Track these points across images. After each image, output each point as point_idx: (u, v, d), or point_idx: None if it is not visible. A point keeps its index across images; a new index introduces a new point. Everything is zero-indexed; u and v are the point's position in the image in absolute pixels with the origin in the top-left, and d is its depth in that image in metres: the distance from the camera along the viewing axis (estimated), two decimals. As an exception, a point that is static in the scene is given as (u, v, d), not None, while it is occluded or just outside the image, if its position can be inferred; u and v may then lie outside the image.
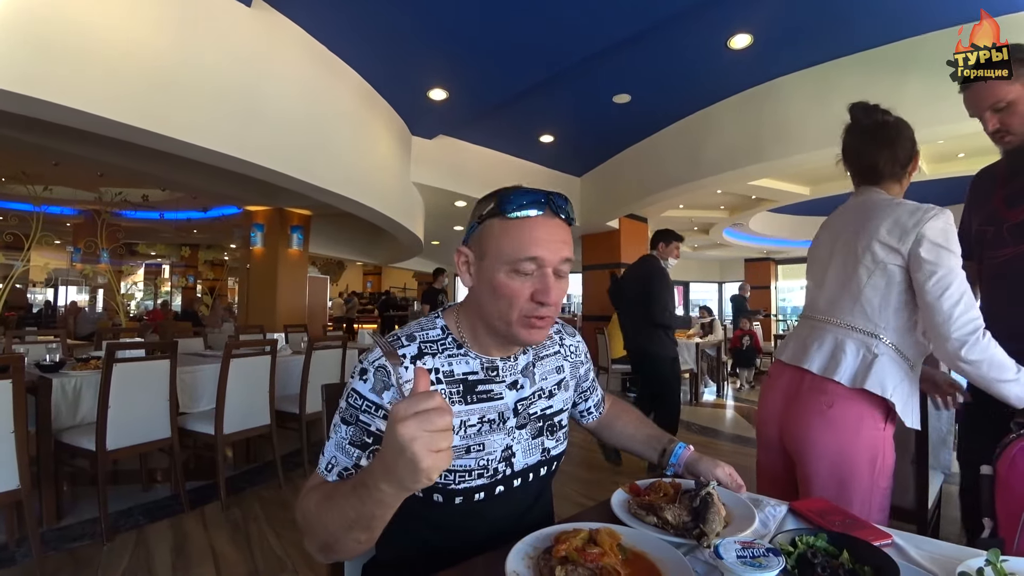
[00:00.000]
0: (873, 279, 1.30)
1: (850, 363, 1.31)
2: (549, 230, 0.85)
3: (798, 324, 1.56)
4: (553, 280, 0.85)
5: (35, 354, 3.32)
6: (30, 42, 2.67)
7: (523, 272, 0.84)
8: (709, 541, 0.82)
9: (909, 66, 4.29)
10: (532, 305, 0.85)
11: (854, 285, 1.34)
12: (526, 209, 0.84)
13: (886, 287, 1.29)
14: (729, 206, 9.20)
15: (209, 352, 4.19)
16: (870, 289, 1.31)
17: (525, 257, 0.83)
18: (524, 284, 0.84)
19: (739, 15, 4.09)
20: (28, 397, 2.34)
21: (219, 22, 3.66)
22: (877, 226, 1.30)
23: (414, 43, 4.46)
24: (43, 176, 6.88)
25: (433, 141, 6.68)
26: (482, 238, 0.87)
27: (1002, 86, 1.33)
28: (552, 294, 0.84)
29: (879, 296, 1.30)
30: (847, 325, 1.35)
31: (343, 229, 9.47)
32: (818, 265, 1.51)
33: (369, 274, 20.21)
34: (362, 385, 0.85)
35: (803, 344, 1.43)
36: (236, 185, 5.98)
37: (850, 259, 1.36)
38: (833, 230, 1.50)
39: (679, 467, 1.11)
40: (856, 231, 1.36)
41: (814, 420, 1.34)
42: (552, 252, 0.84)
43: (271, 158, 4.08)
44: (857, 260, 1.33)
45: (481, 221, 0.87)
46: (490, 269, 0.85)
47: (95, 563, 2.32)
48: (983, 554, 0.71)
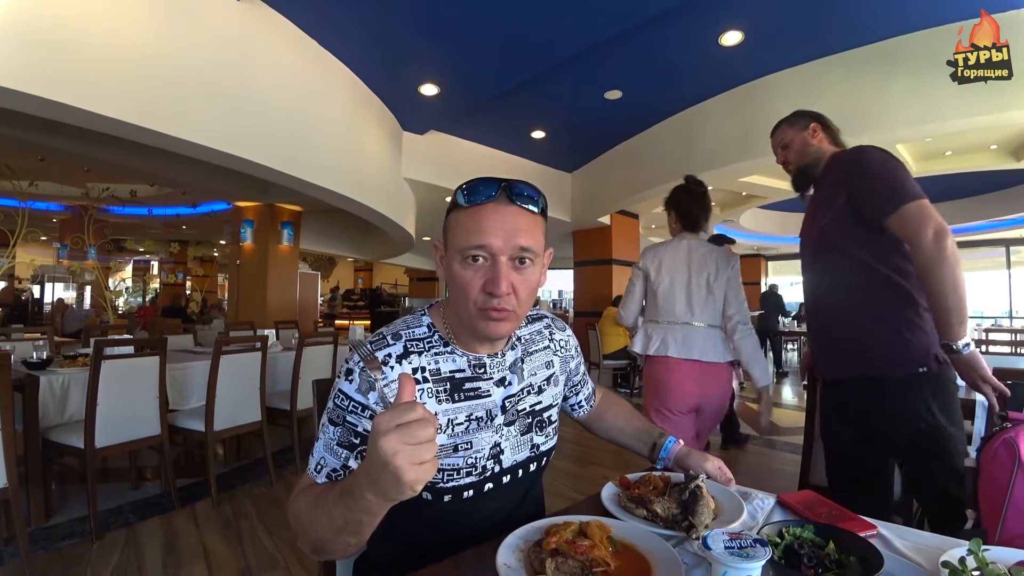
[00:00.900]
0: (713, 295, 2.25)
1: (721, 348, 2.24)
2: (501, 217, 0.81)
3: (660, 327, 2.30)
4: (505, 269, 0.81)
5: (22, 351, 3.28)
6: (12, 35, 2.62)
7: (473, 261, 0.82)
8: (698, 533, 0.83)
9: (896, 64, 4.33)
10: (484, 296, 0.82)
11: (710, 300, 2.26)
12: (479, 196, 0.82)
13: (717, 298, 2.26)
14: (720, 202, 9.25)
15: (199, 349, 4.16)
16: (714, 300, 2.26)
17: (473, 245, 0.81)
18: (476, 274, 0.82)
19: (731, 12, 4.11)
20: (15, 395, 2.31)
21: (208, 16, 3.62)
22: (715, 265, 2.27)
23: (405, 38, 4.44)
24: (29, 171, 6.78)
25: (424, 136, 6.65)
26: (446, 230, 0.87)
27: (788, 131, 1.81)
28: (501, 284, 0.80)
29: (716, 304, 2.26)
30: (708, 324, 2.26)
31: (334, 225, 9.42)
32: (665, 286, 2.30)
33: (360, 270, 20.12)
34: (348, 386, 0.84)
35: (687, 343, 2.23)
36: (226, 180, 5.93)
37: (699, 284, 2.26)
38: (676, 264, 2.31)
39: (669, 461, 1.12)
40: (699, 269, 2.27)
41: (723, 386, 2.27)
42: (502, 239, 0.80)
43: (261, 153, 4.04)
44: (708, 286, 2.26)
45: (448, 213, 0.87)
46: (449, 260, 0.86)
47: (84, 561, 2.31)
48: (966, 544, 0.72)
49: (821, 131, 1.74)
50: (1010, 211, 8.95)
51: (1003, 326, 10.37)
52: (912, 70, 4.23)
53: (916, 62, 4.19)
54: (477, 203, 0.82)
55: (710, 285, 2.24)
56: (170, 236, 13.76)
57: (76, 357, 3.07)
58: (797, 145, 1.78)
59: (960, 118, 4.09)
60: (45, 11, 2.75)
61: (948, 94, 3.98)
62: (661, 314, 2.31)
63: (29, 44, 2.69)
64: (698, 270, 2.26)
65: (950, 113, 4.10)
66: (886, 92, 4.40)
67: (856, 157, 1.57)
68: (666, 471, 1.09)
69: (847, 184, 1.54)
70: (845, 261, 1.56)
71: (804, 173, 1.77)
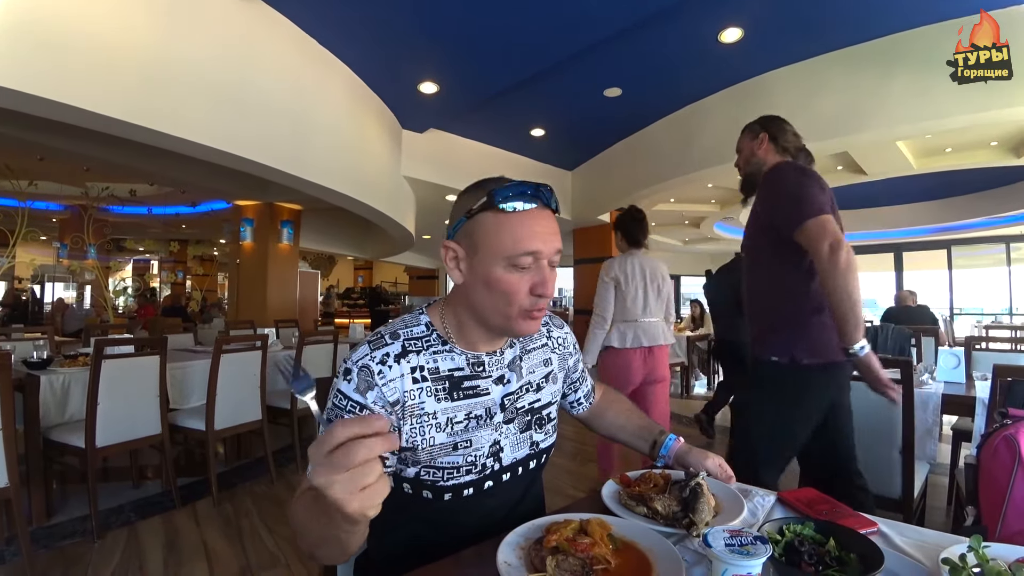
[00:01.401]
0: (661, 296, 3.11)
1: (668, 335, 3.13)
2: (544, 222, 0.85)
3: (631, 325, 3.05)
4: (548, 272, 0.86)
5: (22, 351, 3.28)
6: (12, 34, 2.61)
7: (521, 266, 0.84)
8: (698, 530, 0.83)
9: (897, 61, 4.32)
10: (531, 299, 0.85)
11: (659, 301, 3.10)
12: (520, 201, 0.83)
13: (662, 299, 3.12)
14: (720, 200, 9.24)
15: (199, 348, 4.16)
16: (662, 302, 3.12)
17: (524, 252, 0.83)
18: (523, 278, 0.85)
19: (730, 8, 4.09)
20: (15, 394, 2.31)
21: (208, 15, 3.61)
22: (660, 275, 3.12)
23: (404, 36, 4.43)
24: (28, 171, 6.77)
25: (424, 135, 6.64)
26: (474, 233, 0.86)
27: (742, 139, 1.94)
28: (551, 286, 0.86)
29: (662, 303, 3.12)
30: (660, 319, 3.11)
31: (334, 223, 9.40)
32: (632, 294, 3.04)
33: (360, 268, 20.10)
34: (346, 385, 0.84)
35: (651, 335, 3.05)
36: (225, 179, 5.92)
37: (653, 290, 3.07)
38: (636, 275, 3.06)
39: (669, 459, 1.12)
40: (652, 278, 3.07)
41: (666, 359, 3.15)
42: (548, 244, 0.85)
43: (260, 152, 4.04)
44: (659, 290, 3.10)
45: (471, 215, 0.86)
46: (485, 264, 0.85)
47: (86, 560, 2.31)
48: (966, 541, 0.72)
49: (768, 142, 1.84)
50: (1010, 208, 8.91)
51: (1003, 323, 10.37)
52: (912, 67, 4.22)
53: (916, 59, 4.17)
54: (522, 209, 0.84)
55: (659, 290, 3.10)
56: (170, 235, 13.76)
57: (76, 356, 3.07)
58: (745, 154, 1.91)
59: (960, 115, 4.07)
60: (46, 12, 2.73)
61: (948, 91, 3.96)
62: (629, 315, 3.05)
63: (31, 44, 2.68)
64: (651, 279, 3.08)
65: (950, 110, 4.09)
66: (886, 89, 4.39)
67: (772, 175, 1.73)
68: (666, 468, 1.09)
69: (763, 200, 1.74)
70: (770, 269, 1.74)
71: (747, 182, 1.91)
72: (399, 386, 0.85)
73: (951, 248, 12.06)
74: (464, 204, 0.88)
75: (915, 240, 12.11)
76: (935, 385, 2.52)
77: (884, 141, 4.91)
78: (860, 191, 8.45)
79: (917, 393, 2.10)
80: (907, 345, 3.63)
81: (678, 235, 12.43)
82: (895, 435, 2.02)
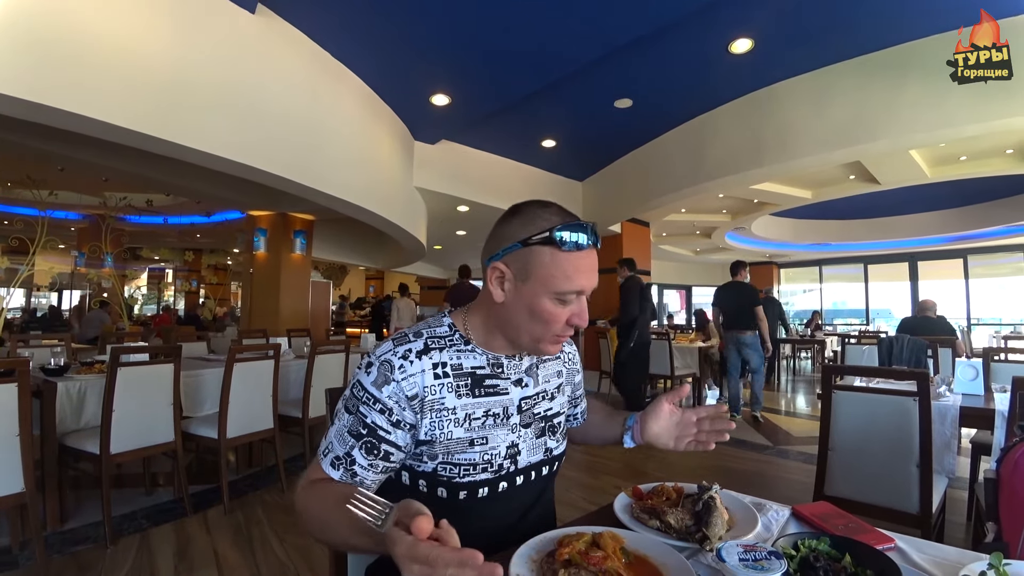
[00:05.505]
0: None
1: None
2: (590, 261, 0.91)
3: None
4: (584, 303, 0.92)
5: (40, 358, 3.33)
6: (34, 48, 2.69)
7: (567, 301, 0.88)
8: (712, 544, 0.82)
9: (909, 70, 4.30)
10: (567, 328, 0.91)
11: None
12: (581, 242, 0.88)
13: None
14: (731, 210, 9.20)
15: (212, 356, 4.20)
16: None
17: (574, 290, 0.88)
18: (565, 310, 0.89)
19: (740, 19, 4.11)
20: (33, 400, 2.35)
21: (224, 29, 3.68)
22: None
23: (417, 49, 4.49)
24: (48, 181, 6.93)
25: (435, 146, 6.70)
26: (527, 262, 0.87)
27: None
28: (585, 316, 0.91)
29: None
30: None
31: (346, 234, 9.49)
32: None
33: (371, 278, 20.23)
34: (365, 377, 0.88)
35: None
36: (239, 190, 6.00)
37: None
38: None
39: (636, 427, 1.07)
40: None
41: None
42: (591, 281, 0.91)
43: (275, 163, 4.10)
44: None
45: (527, 244, 0.87)
46: (532, 293, 0.87)
47: (98, 566, 2.33)
48: (986, 558, 0.71)
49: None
50: (1027, 216, 8.80)
51: (1022, 333, 10.19)
52: (924, 75, 4.19)
53: (928, 67, 4.15)
54: (579, 249, 0.87)
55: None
56: (184, 244, 13.95)
57: (93, 364, 3.11)
58: None
59: (974, 123, 4.04)
60: (63, 25, 2.81)
61: (961, 99, 3.94)
62: None
63: (54, 58, 2.75)
64: None
65: (964, 118, 4.06)
66: (898, 98, 4.36)
67: None
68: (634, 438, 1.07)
69: None
70: None
71: None
72: (419, 381, 0.87)
73: (967, 257, 11.91)
74: (516, 230, 0.89)
75: (930, 249, 11.97)
76: (953, 397, 2.48)
77: (897, 150, 4.87)
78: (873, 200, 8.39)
79: (935, 406, 2.06)
80: (923, 356, 3.58)
81: (690, 245, 12.38)
82: (912, 449, 1.98)
